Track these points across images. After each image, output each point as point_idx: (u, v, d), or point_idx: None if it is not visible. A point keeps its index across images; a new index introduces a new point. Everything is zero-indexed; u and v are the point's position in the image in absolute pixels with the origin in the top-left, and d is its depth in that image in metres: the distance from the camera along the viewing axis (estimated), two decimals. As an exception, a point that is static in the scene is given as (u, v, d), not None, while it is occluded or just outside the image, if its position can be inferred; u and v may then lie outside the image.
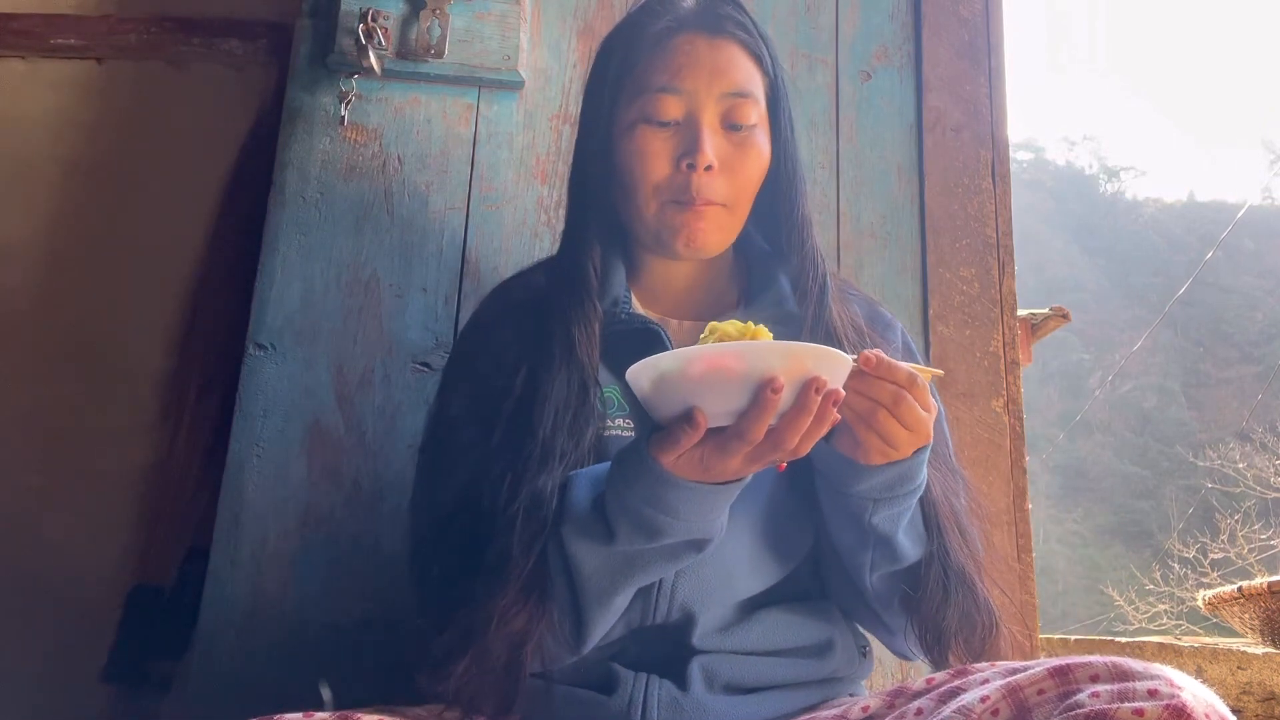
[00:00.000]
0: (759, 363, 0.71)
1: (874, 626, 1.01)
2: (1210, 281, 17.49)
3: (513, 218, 1.47)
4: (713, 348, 0.74)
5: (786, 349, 0.73)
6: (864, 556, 0.91)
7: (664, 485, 0.78)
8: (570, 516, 0.85)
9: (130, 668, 1.46)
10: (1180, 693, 0.65)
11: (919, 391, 0.82)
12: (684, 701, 0.89)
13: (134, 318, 1.64)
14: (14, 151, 1.70)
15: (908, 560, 0.91)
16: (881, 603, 0.95)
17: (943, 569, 0.92)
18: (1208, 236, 17.94)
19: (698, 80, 0.97)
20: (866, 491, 0.87)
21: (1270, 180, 24.21)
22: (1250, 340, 17.66)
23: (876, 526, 0.88)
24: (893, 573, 0.93)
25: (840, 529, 0.92)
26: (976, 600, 0.93)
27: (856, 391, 0.81)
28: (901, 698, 0.82)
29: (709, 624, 0.93)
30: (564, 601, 0.86)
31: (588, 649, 0.88)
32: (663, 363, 0.73)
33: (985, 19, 1.62)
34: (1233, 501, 11.52)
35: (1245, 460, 12.12)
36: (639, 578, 0.85)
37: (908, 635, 0.95)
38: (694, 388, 0.73)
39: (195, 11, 1.73)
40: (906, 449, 0.84)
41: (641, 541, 0.82)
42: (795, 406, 0.74)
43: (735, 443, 0.75)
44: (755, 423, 0.73)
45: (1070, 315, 3.07)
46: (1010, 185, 1.56)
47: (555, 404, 0.91)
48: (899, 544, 0.90)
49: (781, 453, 0.76)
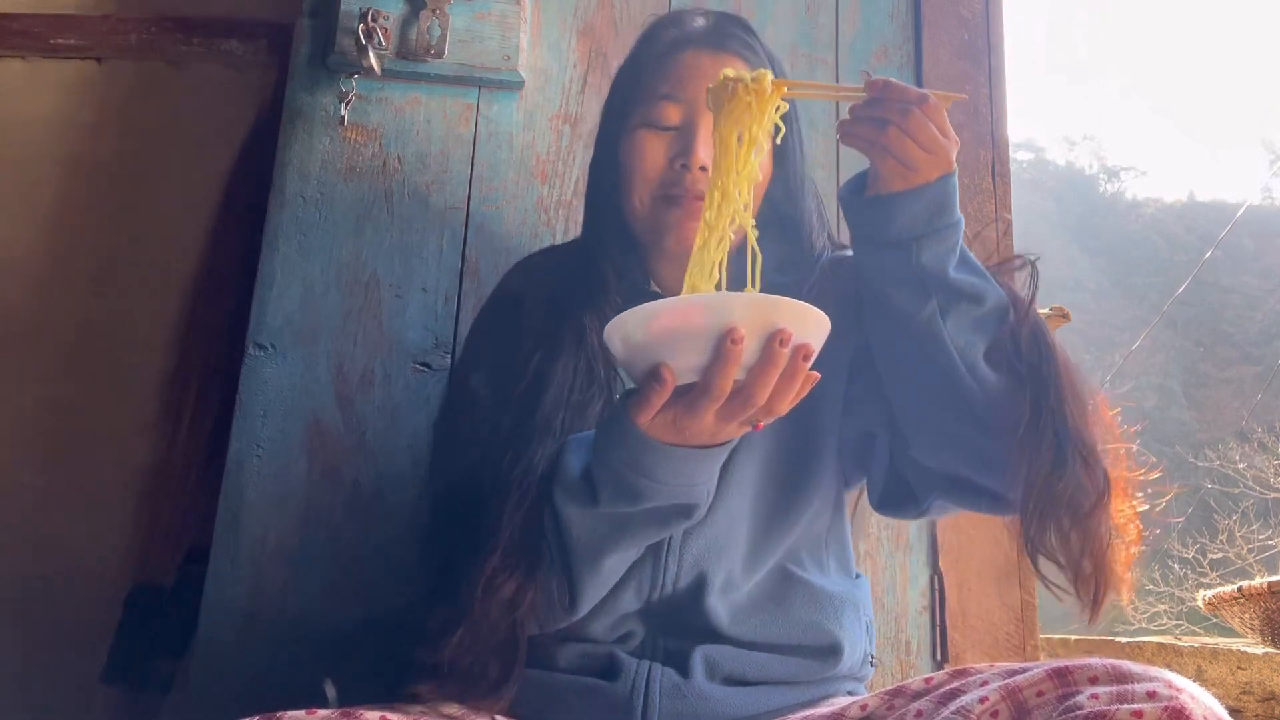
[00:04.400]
0: (720, 314, 0.70)
1: (971, 436, 0.90)
2: (1210, 281, 17.49)
3: (513, 218, 1.47)
4: (674, 301, 0.73)
5: (749, 300, 0.72)
6: (928, 306, 0.88)
7: (642, 448, 0.79)
8: (560, 479, 0.86)
9: (130, 668, 1.46)
10: (1179, 695, 0.65)
11: (932, 110, 0.83)
12: (685, 689, 0.90)
13: (134, 318, 1.64)
14: (14, 151, 1.70)
15: (977, 295, 0.88)
16: (973, 367, 0.88)
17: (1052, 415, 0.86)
18: (1208, 236, 17.94)
19: (699, 90, 1.00)
20: (901, 230, 0.86)
21: (1270, 180, 24.22)
22: (1250, 340, 17.65)
23: (927, 267, 0.87)
24: (973, 321, 0.88)
25: (897, 293, 0.89)
26: (1087, 456, 0.86)
27: (867, 116, 0.83)
28: (900, 698, 0.82)
29: (719, 582, 0.94)
30: (557, 563, 0.87)
31: (581, 612, 0.89)
32: (629, 320, 0.73)
33: (985, 19, 1.62)
34: (1231, 502, 11.52)
35: (1245, 460, 12.11)
36: (627, 541, 0.86)
37: (1010, 465, 0.86)
38: (659, 343, 0.72)
39: (195, 11, 1.74)
40: (928, 170, 0.84)
41: (624, 504, 0.82)
42: (761, 359, 0.73)
43: (703, 399, 0.74)
44: (718, 376, 0.72)
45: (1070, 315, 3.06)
46: (1010, 185, 1.56)
47: (560, 388, 0.94)
48: (957, 280, 0.87)
49: (752, 408, 0.75)
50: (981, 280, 0.90)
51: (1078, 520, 0.86)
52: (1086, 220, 20.99)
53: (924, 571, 1.41)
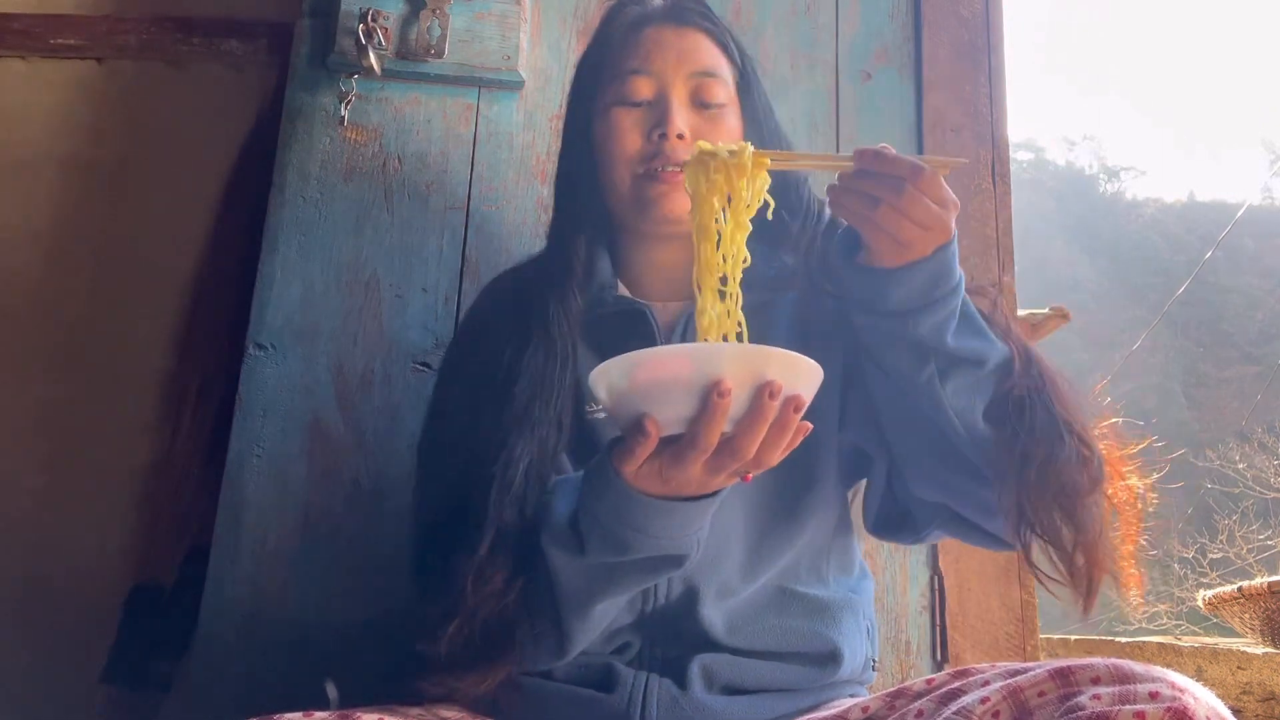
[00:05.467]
0: (705, 366, 0.68)
1: (970, 488, 0.90)
2: (1210, 281, 17.48)
3: (513, 218, 1.47)
4: (658, 351, 0.71)
5: (736, 351, 0.70)
6: (926, 369, 0.86)
7: (628, 500, 0.77)
8: (548, 525, 0.85)
9: (130, 668, 1.46)
10: (1182, 695, 0.65)
11: (926, 183, 0.79)
12: (683, 701, 0.90)
13: (134, 317, 1.64)
14: (14, 151, 1.70)
15: (977, 359, 0.87)
16: (971, 428, 0.87)
17: (1047, 412, 0.85)
18: (1208, 236, 17.92)
19: (666, 61, 1.01)
20: (899, 303, 0.83)
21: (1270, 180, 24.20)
22: (1250, 340, 17.64)
23: (925, 340, 0.84)
24: (973, 383, 0.87)
25: (894, 357, 0.88)
26: (1082, 445, 0.85)
27: (857, 189, 0.80)
28: (902, 699, 0.82)
29: (712, 593, 0.93)
30: (547, 607, 0.86)
31: (571, 655, 0.89)
32: (612, 369, 0.70)
33: (985, 19, 1.62)
34: (1231, 502, 11.51)
35: (1245, 460, 12.10)
36: (615, 590, 0.85)
37: (1004, 498, 0.85)
38: (643, 393, 0.70)
39: (195, 11, 1.73)
40: (923, 246, 0.81)
41: (611, 555, 0.81)
42: (750, 412, 0.70)
43: (689, 451, 0.72)
44: (705, 429, 0.70)
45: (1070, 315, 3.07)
46: (1010, 185, 1.56)
47: (532, 374, 0.94)
48: (955, 348, 0.86)
49: (740, 461, 0.73)
50: (981, 342, 0.88)
51: (1069, 510, 0.84)
52: (1086, 220, 20.97)
53: (924, 571, 1.41)
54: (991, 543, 0.95)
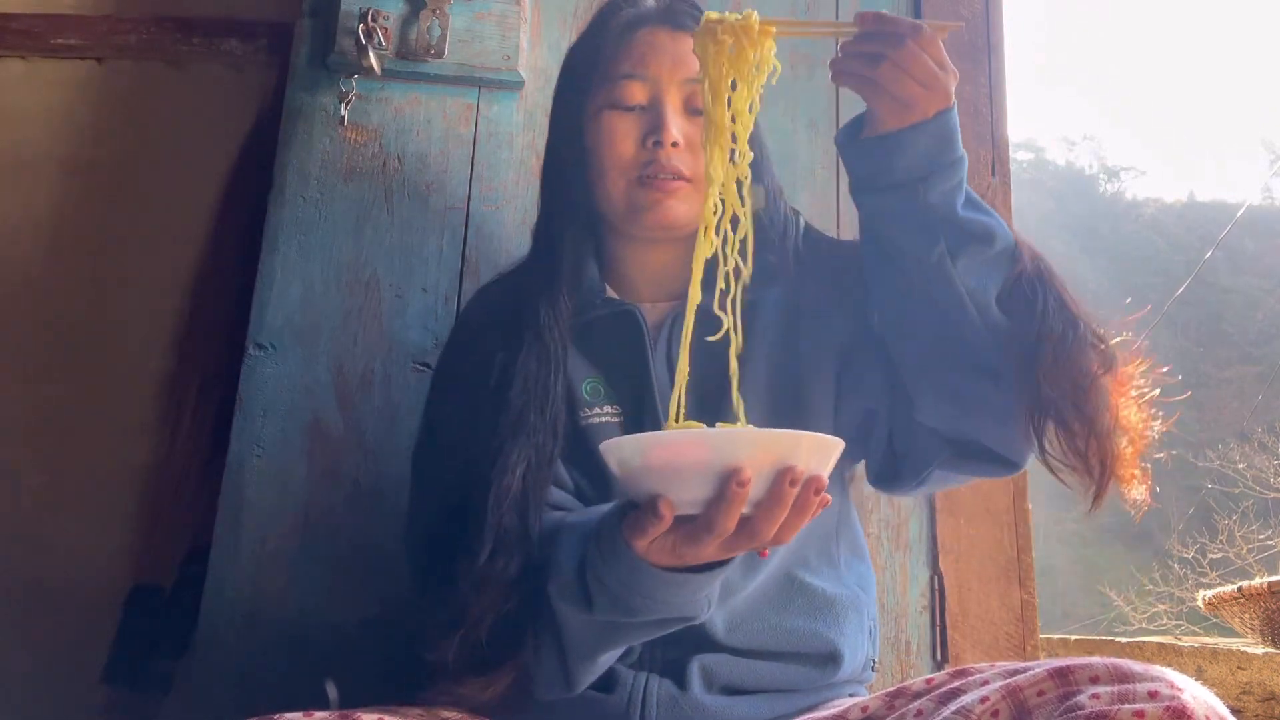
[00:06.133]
0: (723, 453, 0.65)
1: (982, 391, 0.88)
2: (1210, 281, 17.47)
3: (513, 218, 1.47)
4: (674, 435, 0.70)
5: (755, 437, 0.68)
6: (937, 248, 0.85)
7: (638, 572, 0.76)
8: (555, 576, 0.85)
9: (130, 668, 1.46)
10: (1181, 694, 0.65)
11: (926, 42, 0.80)
12: (682, 701, 0.90)
13: (134, 317, 1.64)
14: (14, 151, 1.70)
15: (987, 233, 0.86)
16: (984, 309, 0.86)
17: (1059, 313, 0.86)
18: (1208, 236, 17.92)
19: (661, 67, 1.00)
20: (904, 171, 0.84)
21: (1270, 180, 24.19)
22: (1250, 340, 17.63)
23: (934, 206, 0.84)
24: (983, 261, 0.86)
25: (905, 237, 0.87)
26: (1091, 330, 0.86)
27: (859, 51, 0.81)
28: (901, 698, 0.82)
29: None
30: (551, 653, 0.86)
31: (577, 692, 0.88)
32: (625, 447, 0.69)
33: (985, 19, 1.62)
34: (1232, 502, 11.50)
35: (1245, 460, 12.10)
36: (622, 641, 0.85)
37: (1019, 382, 0.85)
38: (657, 474, 0.68)
39: (195, 11, 1.73)
40: (925, 106, 0.82)
41: (619, 616, 0.81)
42: (769, 497, 0.69)
43: (705, 534, 0.70)
44: (722, 516, 0.69)
45: (1070, 315, 3.06)
46: (1010, 185, 1.56)
47: (525, 379, 0.94)
48: (966, 219, 0.86)
49: (759, 543, 0.72)
50: (989, 218, 0.88)
51: (1082, 394, 0.84)
52: (1086, 220, 20.97)
53: (924, 571, 1.41)
54: (995, 466, 0.92)
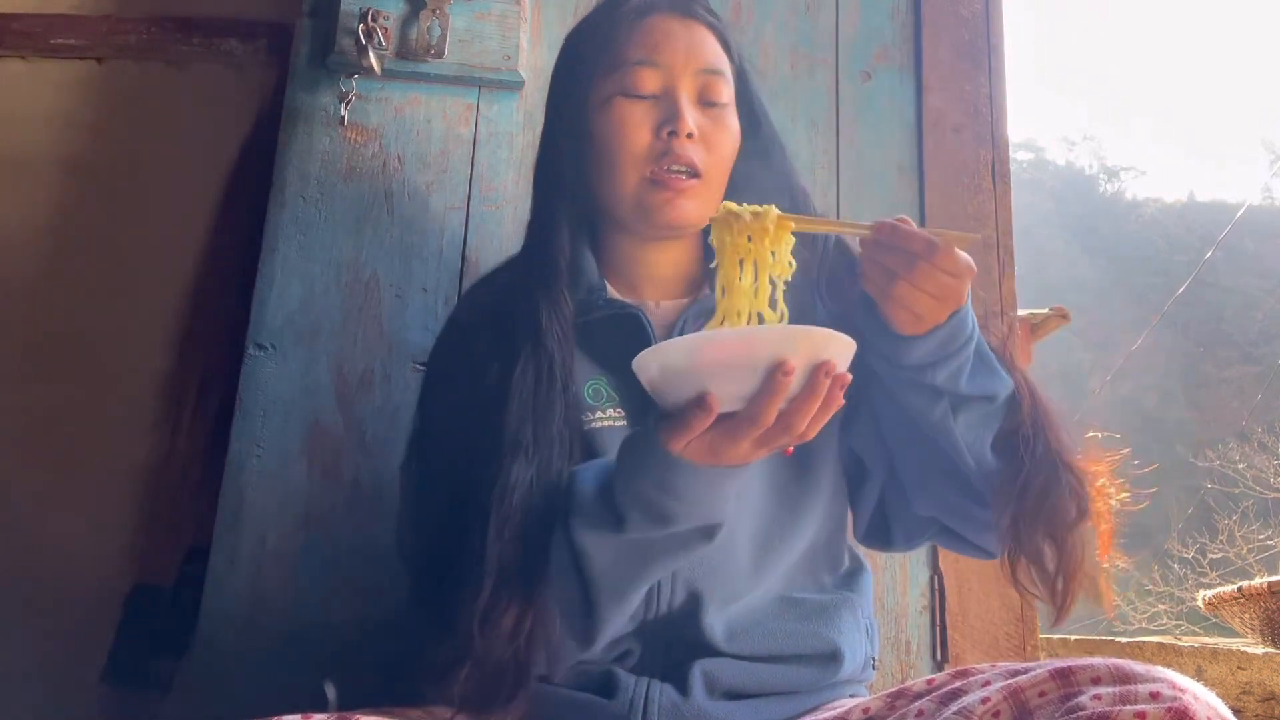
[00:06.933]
0: (770, 346, 0.72)
1: (969, 507, 0.95)
2: (1210, 281, 17.48)
3: (513, 218, 1.47)
4: (725, 333, 0.75)
5: (796, 333, 0.73)
6: (940, 406, 0.89)
7: (674, 470, 0.78)
8: (578, 510, 0.84)
9: (130, 668, 1.46)
10: (1183, 695, 0.65)
11: (941, 257, 0.81)
12: (684, 707, 0.89)
13: (134, 317, 1.63)
14: (14, 151, 1.70)
15: (989, 396, 0.90)
16: (980, 458, 0.91)
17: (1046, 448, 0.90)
18: (1208, 236, 17.94)
19: (675, 55, 0.99)
20: (918, 360, 0.87)
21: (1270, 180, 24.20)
22: (1250, 340, 17.64)
23: (941, 386, 0.88)
24: (983, 417, 0.91)
25: (909, 398, 0.91)
26: (1074, 478, 0.91)
27: (873, 262, 0.82)
28: (902, 699, 0.82)
29: (715, 600, 0.93)
30: (574, 598, 0.85)
31: (598, 647, 0.88)
32: (673, 350, 0.74)
33: (985, 19, 1.62)
34: (1232, 502, 11.51)
35: (1245, 460, 12.11)
36: (652, 569, 0.85)
37: (1000, 520, 0.90)
38: (705, 373, 0.73)
39: (195, 11, 1.73)
40: (937, 315, 0.84)
41: (651, 529, 0.81)
42: (805, 390, 0.74)
43: (746, 426, 0.74)
44: (767, 406, 0.73)
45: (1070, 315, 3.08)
46: (1010, 185, 1.56)
47: (521, 394, 0.91)
48: (969, 390, 0.89)
49: (790, 437, 0.76)
50: (993, 381, 0.90)
51: (1057, 538, 0.90)
52: (1086, 220, 20.97)
53: (924, 571, 1.41)
54: (977, 553, 1.00)
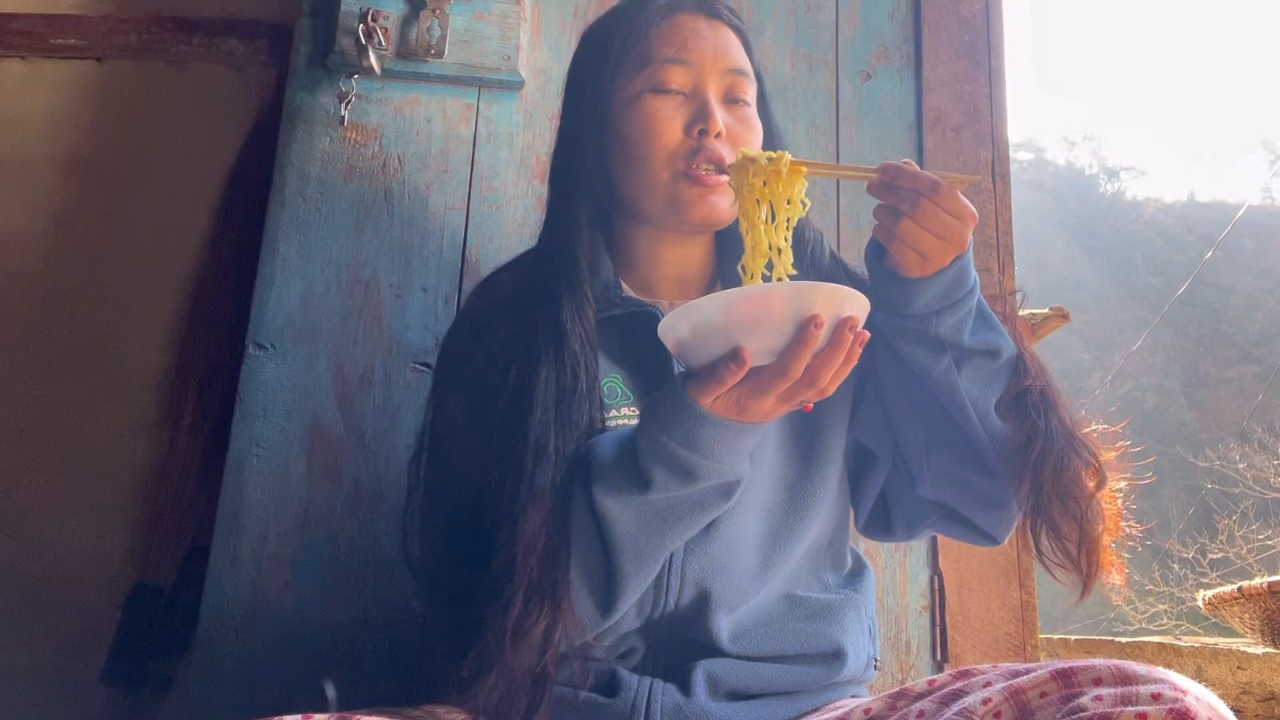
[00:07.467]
0: (801, 301, 0.76)
1: (975, 480, 0.95)
2: (1210, 281, 17.49)
3: (513, 218, 1.47)
4: (758, 288, 0.80)
5: (821, 288, 0.77)
6: (944, 360, 0.92)
7: (701, 424, 0.80)
8: (600, 474, 0.85)
9: (130, 668, 1.46)
10: (1184, 697, 0.65)
11: (944, 198, 0.85)
12: (687, 708, 0.89)
13: (134, 318, 1.64)
14: (14, 151, 1.70)
15: (992, 351, 0.93)
16: (984, 416, 0.92)
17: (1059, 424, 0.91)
18: (1208, 236, 17.94)
19: (703, 54, 1.00)
20: (921, 308, 0.90)
21: (1270, 180, 24.25)
22: (1250, 340, 17.64)
23: (944, 336, 0.91)
24: (987, 373, 0.93)
25: (913, 350, 0.93)
26: (1088, 450, 0.92)
27: (881, 204, 0.86)
28: (903, 700, 0.82)
29: (723, 601, 0.92)
30: (595, 565, 0.85)
31: (616, 617, 0.88)
32: (705, 307, 0.77)
33: (985, 19, 1.62)
34: (1231, 502, 11.51)
35: (1245, 460, 12.11)
36: (673, 533, 0.86)
37: (1019, 493, 0.92)
38: (739, 327, 0.77)
39: (195, 11, 1.73)
40: (942, 257, 0.88)
41: (676, 486, 0.83)
42: (830, 344, 0.77)
43: (775, 380, 0.78)
44: (797, 358, 0.76)
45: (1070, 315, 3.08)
46: (1010, 185, 1.56)
47: (545, 401, 0.89)
48: (972, 342, 0.92)
49: (814, 390, 0.79)
50: (996, 336, 0.93)
51: (1077, 510, 0.91)
52: (1086, 220, 20.98)
53: (924, 571, 1.41)
54: (980, 538, 1.00)
